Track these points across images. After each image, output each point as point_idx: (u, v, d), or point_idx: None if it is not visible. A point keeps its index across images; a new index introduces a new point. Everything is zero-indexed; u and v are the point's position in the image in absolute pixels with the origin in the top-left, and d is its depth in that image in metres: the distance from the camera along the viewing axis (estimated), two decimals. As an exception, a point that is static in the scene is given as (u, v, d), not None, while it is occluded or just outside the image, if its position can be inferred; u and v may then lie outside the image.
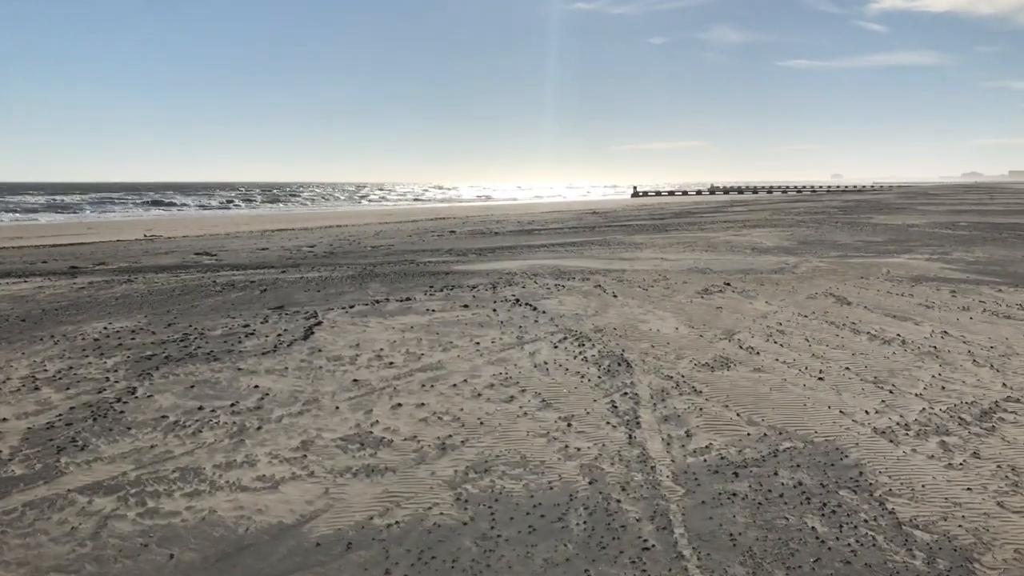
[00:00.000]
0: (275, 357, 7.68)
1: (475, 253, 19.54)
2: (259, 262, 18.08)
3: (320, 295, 11.90)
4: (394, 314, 10.11)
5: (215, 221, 43.72)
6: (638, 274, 14.04)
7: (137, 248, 23.73)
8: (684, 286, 12.44)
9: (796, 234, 24.23)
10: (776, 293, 11.71)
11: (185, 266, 17.47)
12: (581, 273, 14.26)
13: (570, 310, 10.33)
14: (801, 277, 13.57)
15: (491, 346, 8.13)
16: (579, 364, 7.31)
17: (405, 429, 5.46)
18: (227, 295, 11.99)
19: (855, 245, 20.14)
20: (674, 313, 10.05)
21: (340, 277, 14.18)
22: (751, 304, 10.77)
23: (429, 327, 9.20)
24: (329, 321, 9.60)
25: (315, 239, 26.51)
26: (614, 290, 12.00)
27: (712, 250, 19.03)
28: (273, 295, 11.94)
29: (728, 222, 32.43)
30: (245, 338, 8.61)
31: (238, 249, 22.83)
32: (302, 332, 8.90)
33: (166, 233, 31.64)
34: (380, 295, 11.82)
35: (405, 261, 17.65)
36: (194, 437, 5.32)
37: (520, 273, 14.40)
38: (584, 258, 17.45)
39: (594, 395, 6.28)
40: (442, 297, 11.52)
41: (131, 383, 6.70)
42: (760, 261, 16.25)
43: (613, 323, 9.37)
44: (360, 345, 8.20)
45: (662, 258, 17.06)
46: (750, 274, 14.01)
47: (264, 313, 10.25)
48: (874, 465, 4.78)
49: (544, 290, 12.12)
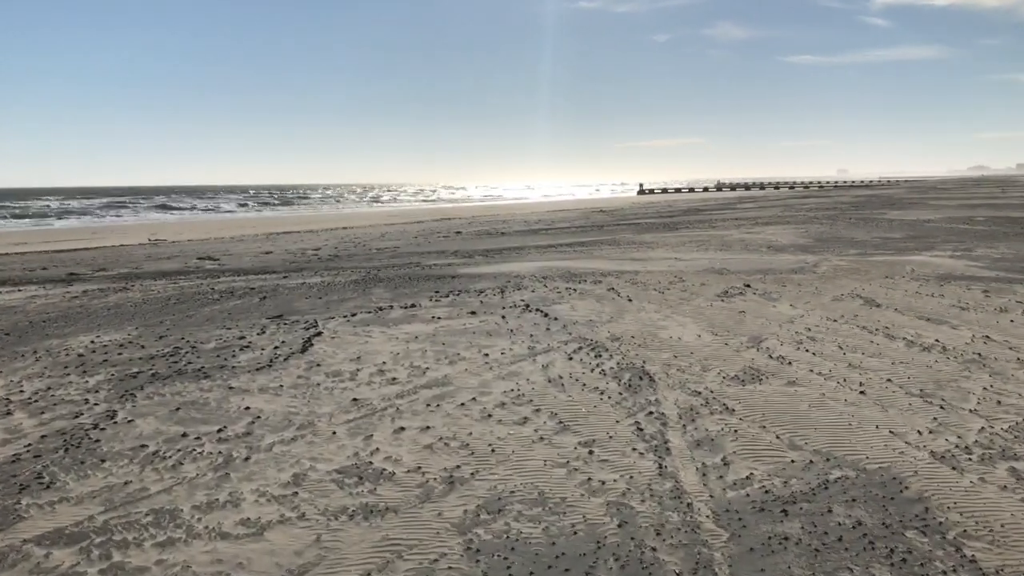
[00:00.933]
0: (270, 373, 7.14)
1: (482, 255, 18.99)
2: (262, 267, 17.58)
3: (321, 302, 11.37)
4: (398, 322, 9.57)
5: (221, 224, 43.30)
6: (652, 276, 13.47)
7: (140, 253, 23.27)
8: (702, 288, 11.86)
9: (811, 231, 23.61)
10: (800, 295, 11.13)
11: (186, 272, 16.98)
12: (593, 275, 13.70)
13: (583, 316, 9.77)
14: (823, 277, 12.98)
15: (501, 358, 7.58)
16: (597, 378, 6.76)
17: (408, 458, 4.91)
18: (225, 303, 11.47)
19: (873, 242, 19.53)
20: (694, 319, 9.49)
21: (343, 282, 13.65)
22: (775, 307, 10.20)
23: (435, 337, 8.66)
24: (329, 331, 9.06)
25: (320, 242, 26.02)
26: (629, 293, 11.44)
27: (726, 249, 18.44)
28: (273, 303, 11.41)
29: (739, 219, 31.81)
30: (239, 352, 8.08)
31: (241, 253, 22.34)
32: (300, 344, 8.36)
33: (171, 237, 31.21)
34: (384, 302, 11.28)
35: (410, 264, 17.11)
36: (174, 471, 4.78)
37: (529, 276, 13.85)
38: (594, 259, 16.88)
39: (616, 415, 5.72)
40: (448, 303, 10.98)
41: (112, 405, 6.17)
42: (778, 260, 15.66)
43: (630, 330, 8.81)
44: (361, 358, 7.65)
45: (676, 258, 16.48)
46: (769, 274, 13.43)
47: (262, 323, 9.72)
48: (940, 498, 4.21)
49: (555, 294, 11.57)
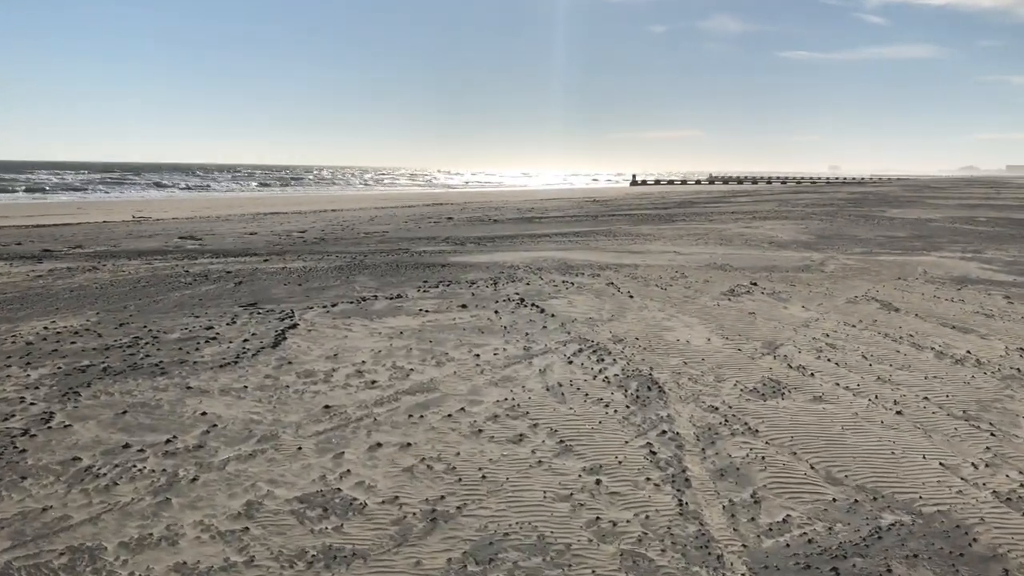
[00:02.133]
0: (235, 371, 6.39)
1: (474, 242, 18.24)
2: (243, 248, 16.79)
3: (300, 290, 10.61)
4: (382, 315, 8.83)
5: (209, 203, 42.33)
6: (652, 270, 12.76)
7: (121, 230, 22.43)
8: (706, 286, 11.16)
9: (811, 227, 22.96)
10: (811, 296, 10.44)
11: (164, 251, 16.18)
12: (590, 268, 12.98)
13: (582, 313, 9.06)
14: (833, 277, 12.30)
15: (493, 359, 6.86)
16: (600, 387, 6.04)
17: (384, 484, 4.19)
18: (197, 288, 10.69)
19: (878, 240, 18.88)
20: (701, 319, 8.78)
21: (326, 268, 12.89)
22: (786, 309, 9.51)
23: (421, 333, 7.92)
24: (306, 323, 8.32)
25: (307, 224, 25.21)
26: (629, 289, 10.73)
27: (727, 244, 17.76)
28: (248, 289, 10.65)
29: (736, 213, 31.14)
30: (204, 344, 7.32)
31: (225, 233, 21.53)
32: (272, 337, 7.61)
33: (156, 215, 30.32)
34: (368, 291, 10.53)
35: (399, 250, 16.35)
36: (106, 493, 4.04)
37: (523, 267, 13.12)
38: (591, 250, 16.17)
39: (624, 433, 5.01)
40: (437, 294, 10.24)
41: (50, 406, 5.42)
42: (781, 257, 14.98)
43: (633, 331, 8.11)
44: (338, 356, 6.92)
45: (675, 252, 15.77)
46: (775, 272, 12.74)
47: (233, 312, 8.96)
48: (1020, 556, 3.52)
49: (551, 288, 10.85)
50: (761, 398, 5.83)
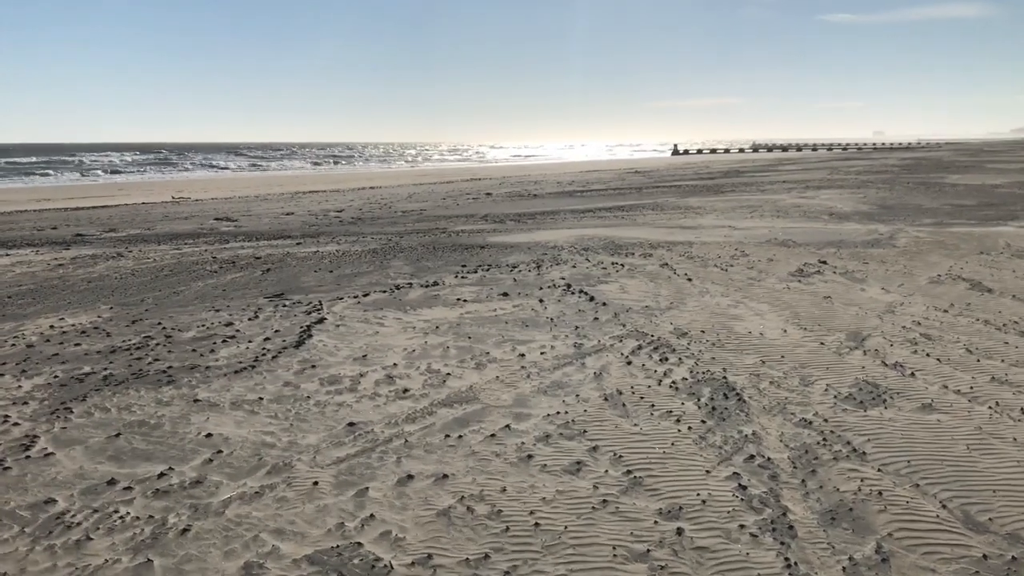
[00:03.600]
0: (251, 378, 5.66)
1: (513, 219, 17.40)
2: (278, 230, 16.17)
3: (332, 277, 9.88)
4: (416, 306, 8.06)
5: (250, 182, 42.00)
6: (709, 248, 11.82)
7: (158, 212, 22.03)
8: (771, 265, 10.20)
9: (870, 196, 21.69)
10: (889, 275, 9.44)
11: (196, 234, 15.64)
12: (640, 247, 12.07)
13: (636, 300, 8.19)
14: (907, 252, 11.25)
15: (540, 359, 6.04)
16: (668, 395, 5.20)
17: (414, 536, 3.41)
18: (222, 276, 10.02)
19: (945, 210, 17.63)
20: (772, 305, 7.87)
21: (360, 252, 12.15)
22: (864, 291, 8.54)
23: (459, 327, 7.13)
24: (334, 317, 7.57)
25: (345, 202, 24.59)
26: (686, 271, 9.82)
27: (783, 216, 16.68)
28: (276, 277, 9.95)
29: (787, 182, 29.83)
30: (221, 344, 6.61)
31: (261, 214, 20.98)
32: (296, 335, 6.87)
33: (195, 195, 29.99)
34: (402, 277, 9.77)
35: (436, 230, 15.58)
36: (77, 551, 3.32)
37: (568, 247, 12.25)
38: (638, 226, 15.23)
39: (704, 459, 4.17)
40: (476, 281, 9.44)
41: (36, 427, 4.73)
42: (846, 230, 13.91)
43: (697, 321, 7.23)
44: (367, 357, 6.15)
45: (730, 226, 14.77)
46: (843, 248, 11.71)
47: (257, 304, 8.25)
48: None
49: (599, 270, 9.98)
50: (860, 407, 4.94)
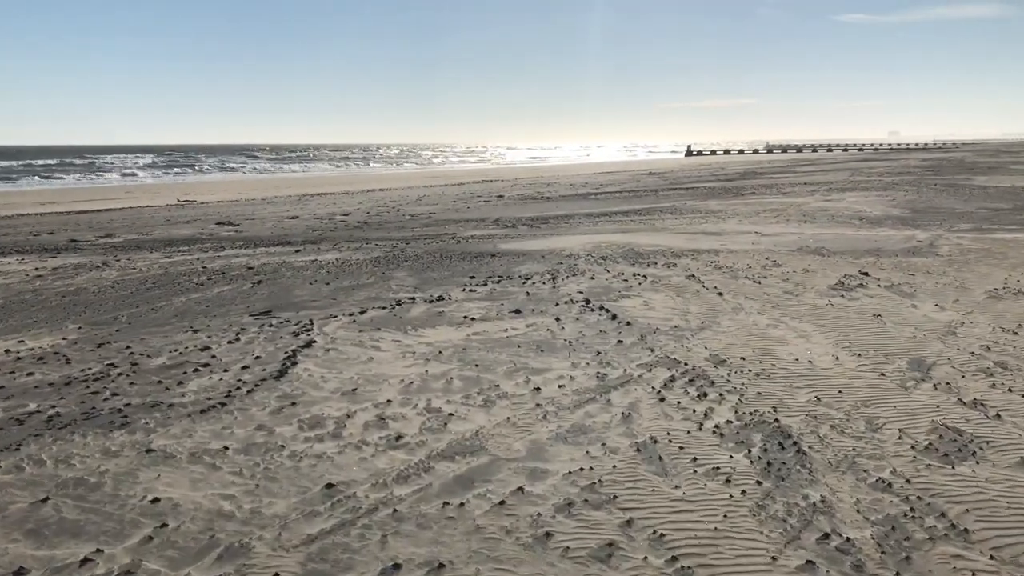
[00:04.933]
0: (220, 419, 4.84)
1: (526, 224, 16.58)
2: (278, 236, 15.42)
3: (327, 290, 9.07)
4: (418, 326, 7.23)
5: (258, 184, 41.43)
6: (737, 257, 10.94)
7: (161, 215, 21.40)
8: (808, 277, 9.32)
9: (899, 199, 20.73)
10: (940, 289, 8.55)
11: (194, 240, 14.92)
12: (663, 255, 11.21)
13: (664, 318, 7.34)
14: (953, 262, 10.34)
15: (558, 394, 5.20)
16: (711, 444, 4.34)
17: (398, 664, 2.57)
18: (209, 290, 9.23)
19: (981, 214, 16.68)
20: (816, 325, 7.00)
21: (361, 260, 11.35)
22: (917, 308, 7.66)
23: (466, 352, 6.30)
24: (325, 339, 6.75)
25: (353, 205, 23.87)
26: (716, 283, 8.95)
27: (811, 221, 15.77)
28: (267, 290, 9.15)
29: (808, 184, 28.89)
30: (193, 374, 5.80)
31: (266, 217, 20.28)
32: (280, 362, 6.05)
33: (202, 197, 29.42)
34: (405, 291, 8.95)
35: (445, 235, 14.77)
36: None
37: (584, 255, 11.40)
38: (658, 232, 14.37)
39: (767, 540, 3.32)
40: (485, 295, 8.61)
41: (-48, 486, 3.92)
42: (881, 237, 13.00)
43: (735, 345, 6.37)
44: (357, 392, 5.32)
45: (756, 232, 13.88)
46: (883, 257, 10.81)
47: (241, 323, 7.44)
48: None
49: (620, 283, 9.13)
50: (945, 461, 4.07)
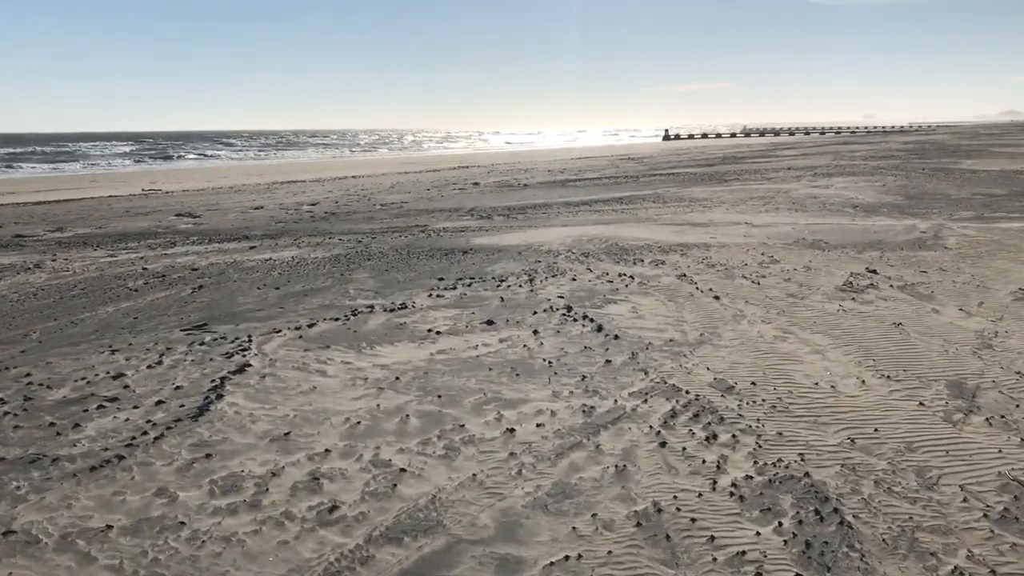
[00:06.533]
0: (113, 479, 3.86)
1: (502, 214, 15.60)
2: (239, 228, 14.39)
3: (276, 296, 8.07)
4: (375, 342, 6.25)
5: (229, 171, 40.15)
6: (730, 252, 10.04)
7: (121, 206, 20.24)
8: (811, 276, 8.43)
9: (889, 185, 19.93)
10: (960, 289, 7.68)
11: (147, 234, 13.89)
12: (649, 251, 10.28)
13: (656, 329, 6.42)
14: (964, 256, 9.50)
15: (536, 438, 4.26)
16: (730, 512, 3.42)
17: None
18: (142, 297, 8.19)
19: (978, 200, 15.88)
20: (831, 336, 6.10)
21: (320, 259, 10.34)
22: (939, 314, 6.78)
23: (427, 377, 5.34)
24: (263, 362, 5.76)
25: (322, 193, 22.78)
26: (711, 285, 8.04)
27: (802, 209, 14.91)
28: (207, 297, 8.12)
29: (792, 169, 28.09)
30: (96, 411, 4.79)
31: (229, 207, 19.16)
32: (203, 394, 5.06)
33: (168, 187, 28.23)
34: (364, 296, 7.97)
35: (415, 228, 13.78)
36: None
37: (564, 251, 10.46)
38: (641, 223, 13.45)
39: None
40: (454, 300, 7.64)
41: None
42: (880, 227, 12.15)
43: (740, 364, 5.45)
44: (291, 437, 4.35)
45: (747, 223, 12.99)
46: (887, 251, 9.95)
47: (169, 340, 6.43)
48: None
49: (604, 285, 8.20)
50: None
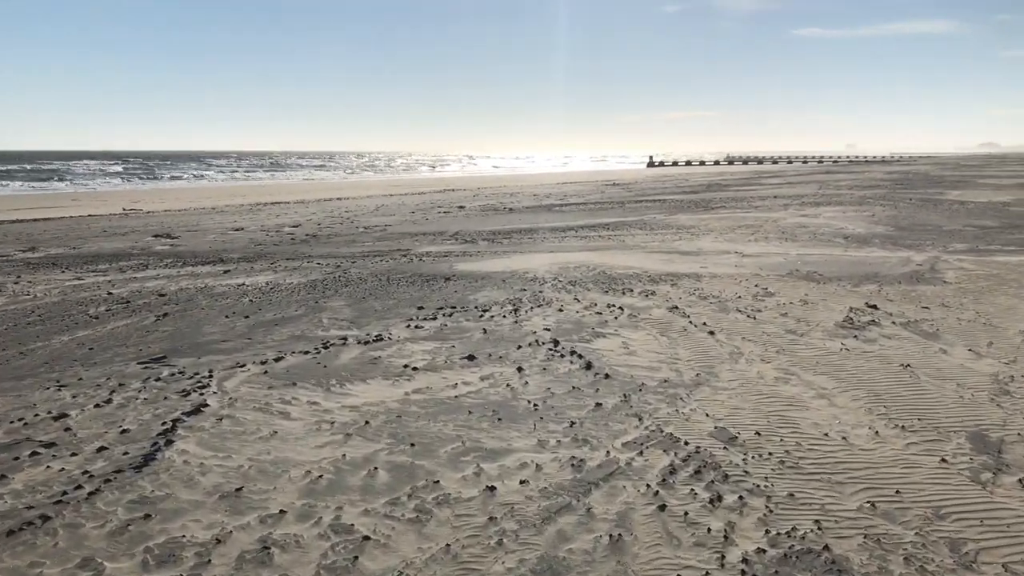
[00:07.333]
0: (32, 547, 3.34)
1: (486, 239, 15.19)
2: (216, 251, 13.89)
3: (244, 326, 7.58)
4: (346, 379, 5.77)
5: (213, 192, 39.62)
6: (722, 283, 9.64)
7: (99, 226, 19.70)
8: (808, 311, 8.03)
9: (879, 216, 19.69)
10: (966, 327, 7.30)
11: (120, 256, 13.38)
12: (639, 280, 9.88)
13: (648, 367, 5.98)
14: (965, 291, 9.14)
15: (519, 498, 3.79)
16: (742, 595, 2.97)
17: None
18: (102, 325, 7.68)
19: (970, 232, 15.63)
20: (836, 379, 5.68)
21: (295, 285, 9.85)
22: (948, 355, 6.39)
23: (400, 421, 4.86)
24: (222, 400, 5.27)
25: (305, 215, 22.32)
26: (704, 319, 7.62)
27: (791, 239, 14.59)
28: (171, 326, 7.62)
29: (778, 197, 27.90)
30: (28, 458, 4.28)
31: (209, 228, 18.66)
32: (151, 439, 4.56)
33: (148, 207, 27.70)
34: (338, 326, 7.49)
35: (397, 252, 13.34)
36: None
37: (551, 279, 10.04)
38: (629, 250, 13.06)
39: None
40: (434, 332, 7.18)
41: None
42: (875, 259, 11.81)
43: (741, 409, 5.02)
44: (243, 493, 3.86)
45: (737, 252, 12.63)
46: (884, 284, 9.59)
47: (123, 375, 5.92)
48: None
49: (593, 316, 7.77)
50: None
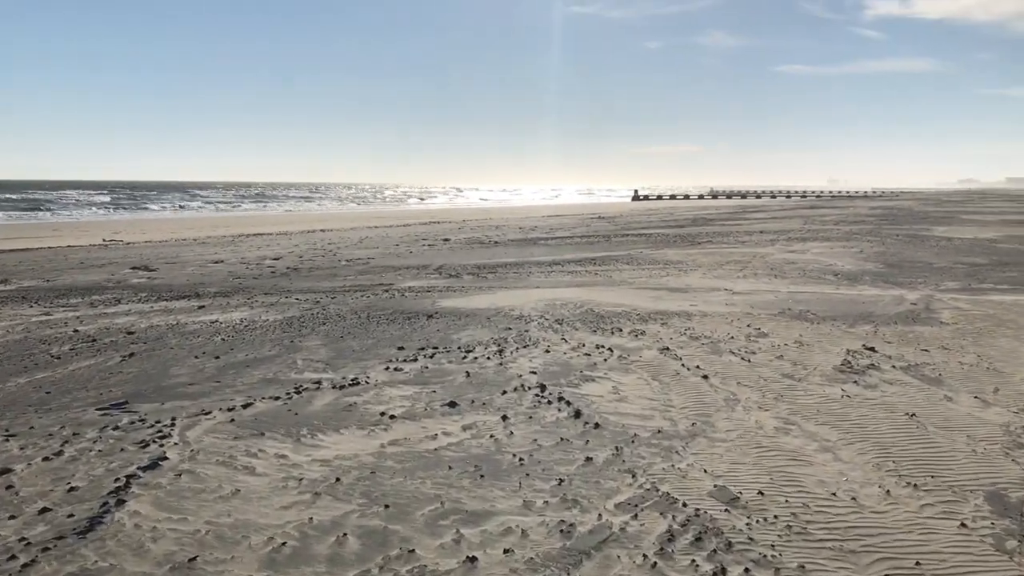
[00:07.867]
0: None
1: (471, 273, 14.87)
2: (193, 284, 13.50)
3: (214, 367, 7.19)
4: (318, 428, 5.40)
5: (195, 223, 39.22)
6: (713, 322, 9.34)
7: (76, 257, 19.25)
8: (804, 353, 7.73)
9: (867, 252, 19.52)
10: (969, 372, 7.01)
11: (94, 289, 12.96)
12: (627, 319, 9.56)
13: (641, 416, 5.64)
14: (963, 332, 8.88)
15: (502, 570, 3.43)
16: None
17: None
18: (63, 367, 7.27)
19: (961, 270, 15.43)
20: (839, 429, 5.35)
21: (271, 323, 9.47)
22: (953, 402, 6.09)
23: (374, 479, 4.49)
24: (183, 453, 4.88)
25: (287, 248, 21.93)
26: (697, 361, 7.30)
27: (781, 275, 14.34)
28: (137, 368, 7.22)
29: (764, 232, 27.77)
30: (-39, 523, 3.89)
31: (188, 260, 18.23)
32: (101, 499, 4.17)
33: (129, 238, 27.26)
34: (312, 368, 7.12)
35: (379, 286, 12.98)
36: None
37: (537, 317, 9.71)
38: (616, 286, 12.76)
39: None
40: (414, 375, 6.82)
41: None
42: (867, 298, 11.56)
43: (741, 464, 4.68)
44: (197, 562, 3.45)
45: (727, 290, 12.35)
46: (879, 324, 9.31)
47: (80, 422, 5.53)
48: None
49: (581, 358, 7.44)
50: None
